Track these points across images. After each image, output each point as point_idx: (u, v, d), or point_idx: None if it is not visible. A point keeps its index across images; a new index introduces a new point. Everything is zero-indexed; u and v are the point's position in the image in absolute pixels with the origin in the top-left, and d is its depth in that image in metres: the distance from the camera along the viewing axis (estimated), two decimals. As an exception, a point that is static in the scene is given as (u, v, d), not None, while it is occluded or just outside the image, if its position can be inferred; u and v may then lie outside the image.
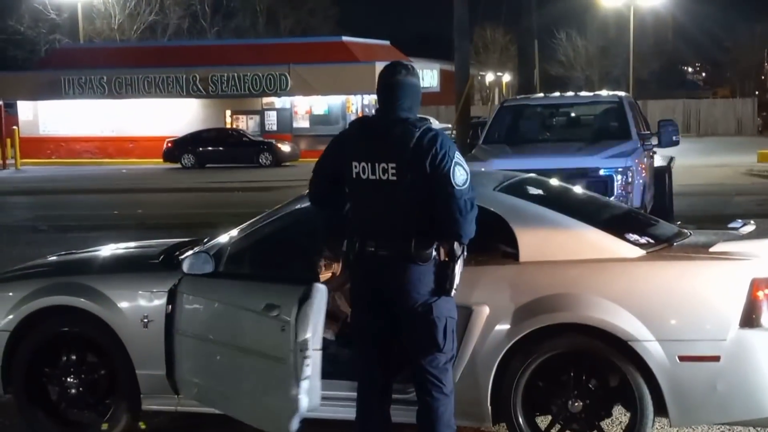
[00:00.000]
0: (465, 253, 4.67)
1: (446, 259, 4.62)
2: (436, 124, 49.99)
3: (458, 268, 4.63)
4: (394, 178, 4.53)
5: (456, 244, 4.60)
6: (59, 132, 43.20)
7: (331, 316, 6.26)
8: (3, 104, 42.65)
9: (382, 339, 4.76)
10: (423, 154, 4.51)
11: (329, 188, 4.84)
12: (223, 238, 5.82)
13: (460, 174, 4.56)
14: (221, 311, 5.37)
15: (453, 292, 4.67)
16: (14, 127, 39.49)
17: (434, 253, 4.60)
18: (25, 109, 43.64)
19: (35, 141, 42.57)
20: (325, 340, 5.99)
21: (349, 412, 5.14)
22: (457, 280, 4.65)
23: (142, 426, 6.07)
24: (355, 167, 4.62)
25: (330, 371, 5.28)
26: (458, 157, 4.60)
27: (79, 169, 37.47)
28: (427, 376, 4.68)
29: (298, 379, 4.95)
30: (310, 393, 5.02)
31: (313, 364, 4.99)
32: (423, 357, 4.66)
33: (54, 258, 7.01)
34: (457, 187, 4.53)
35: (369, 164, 4.58)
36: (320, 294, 4.98)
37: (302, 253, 5.46)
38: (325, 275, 5.20)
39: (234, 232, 5.84)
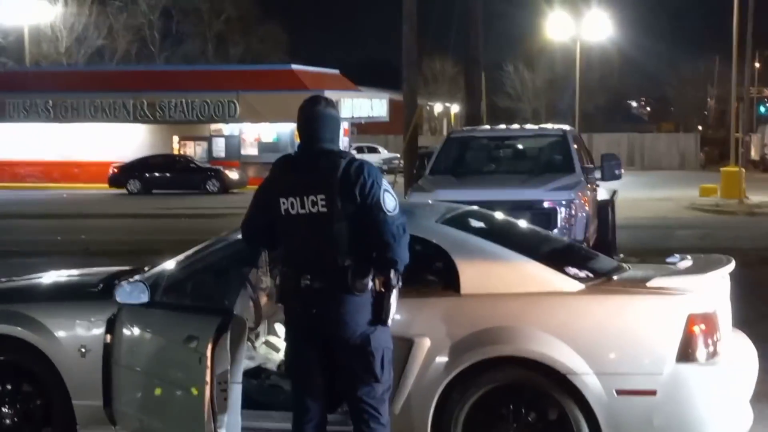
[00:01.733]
0: (400, 283, 4.69)
1: (382, 289, 4.62)
2: (384, 153, 50.25)
3: (394, 297, 4.65)
4: (324, 209, 4.55)
5: (392, 273, 4.62)
6: (3, 156, 42.60)
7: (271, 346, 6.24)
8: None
9: (319, 371, 4.75)
10: (351, 184, 4.55)
11: (262, 227, 4.82)
12: (160, 268, 5.78)
13: (390, 200, 4.61)
14: (152, 342, 5.34)
15: (389, 322, 4.69)
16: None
17: (370, 283, 4.60)
18: (-31, 132, 43.04)
19: (-22, 164, 41.98)
20: (265, 370, 5.98)
21: None
22: (393, 310, 4.66)
23: None
24: (284, 203, 4.62)
25: (264, 402, 5.25)
26: (385, 184, 4.66)
27: (23, 193, 36.95)
28: (364, 407, 4.68)
29: (215, 413, 4.92)
30: (228, 427, 5.00)
31: (231, 397, 4.96)
32: (360, 388, 4.66)
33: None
34: (388, 213, 4.58)
35: (297, 199, 4.59)
36: (238, 325, 4.95)
37: (233, 284, 5.42)
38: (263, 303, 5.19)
39: (171, 262, 5.80)
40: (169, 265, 5.77)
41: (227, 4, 64.43)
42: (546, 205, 11.25)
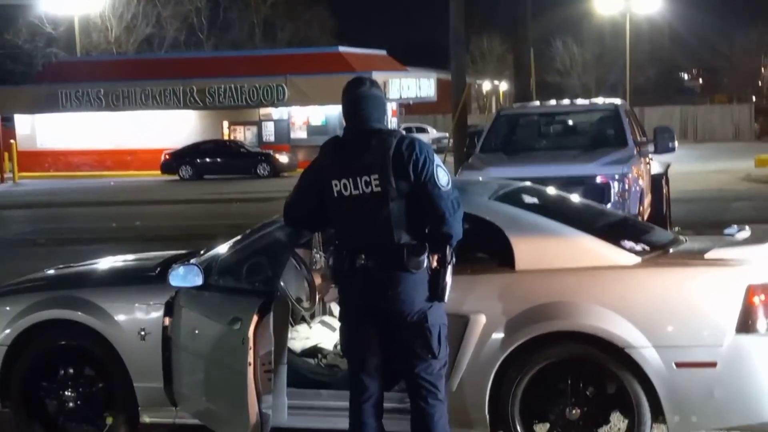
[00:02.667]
0: (454, 259, 4.70)
1: (437, 266, 4.64)
2: (433, 132, 50.15)
3: (449, 273, 4.66)
4: (379, 189, 4.56)
5: (447, 250, 4.63)
6: (57, 145, 43.20)
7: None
8: (1, 118, 42.67)
9: (376, 350, 4.76)
10: (405, 161, 4.55)
11: (309, 210, 4.83)
12: (214, 251, 5.83)
13: (443, 175, 4.62)
14: (204, 324, 5.39)
15: (446, 298, 4.70)
16: (12, 140, 39.53)
17: (426, 260, 4.61)
18: (23, 123, 43.64)
19: (33, 154, 42.59)
20: (321, 349, 6.01)
21: (334, 423, 5.18)
22: (449, 286, 4.67)
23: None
24: (336, 185, 4.63)
25: (321, 381, 5.28)
26: (437, 159, 4.66)
27: (77, 182, 37.47)
28: (422, 383, 4.69)
29: (259, 393, 4.94)
30: (274, 408, 5.03)
31: (276, 377, 4.98)
32: (418, 365, 4.67)
33: (51, 271, 7.01)
34: (443, 188, 4.58)
35: (350, 180, 4.60)
36: (281, 306, 4.96)
37: (276, 266, 5.41)
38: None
39: (224, 246, 5.85)
40: (222, 248, 5.82)
41: (273, -12, 64.59)
42: (599, 179, 11.14)
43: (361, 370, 4.79)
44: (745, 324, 4.88)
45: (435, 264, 4.64)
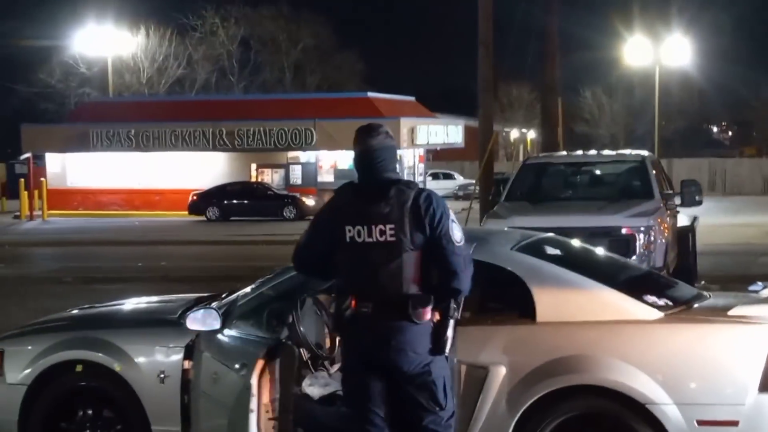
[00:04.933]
0: (458, 314, 4.70)
1: (440, 318, 4.65)
2: (460, 179, 50.15)
3: (452, 327, 4.66)
4: (393, 239, 4.58)
5: (453, 303, 4.64)
6: (86, 184, 43.52)
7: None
8: (32, 156, 43.13)
9: (380, 401, 4.72)
10: (422, 215, 4.60)
11: (320, 255, 4.82)
12: (234, 295, 5.84)
13: (457, 231, 4.66)
14: (219, 369, 5.37)
15: (447, 351, 4.68)
16: (42, 179, 39.90)
17: (429, 313, 4.61)
18: (54, 162, 44.06)
19: (63, 193, 42.92)
20: (340, 397, 5.96)
21: None
22: (450, 340, 4.66)
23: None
24: (349, 231, 4.64)
25: (339, 428, 5.24)
26: (452, 215, 4.71)
27: (105, 220, 37.72)
28: None
29: None
30: None
31: (280, 425, 4.93)
32: (426, 416, 4.66)
33: (73, 311, 7.05)
34: (457, 244, 4.63)
35: (365, 227, 4.61)
36: (287, 354, 4.93)
37: (285, 313, 5.37)
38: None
39: (243, 290, 5.86)
40: (242, 292, 5.83)
41: (304, 33, 65.16)
42: (624, 231, 11.10)
43: (364, 420, 4.74)
44: (768, 383, 4.83)
45: (438, 317, 4.64)
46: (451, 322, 4.65)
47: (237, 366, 5.10)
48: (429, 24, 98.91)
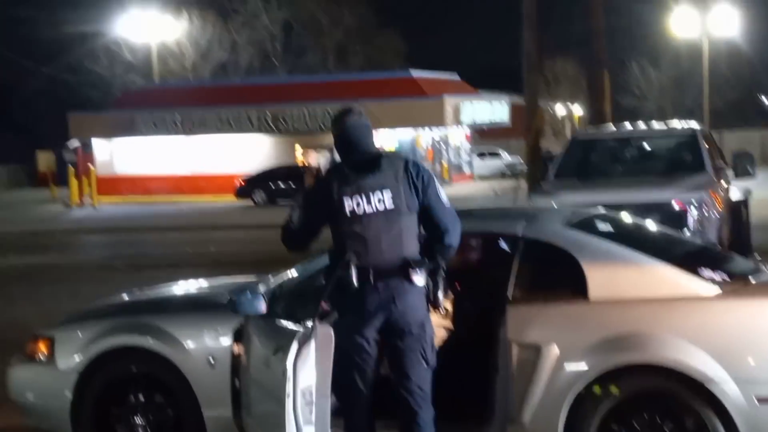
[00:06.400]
0: (444, 271, 4.96)
1: (432, 276, 4.94)
2: (506, 157, 49.85)
3: (443, 282, 4.97)
4: (392, 205, 4.86)
5: (441, 261, 4.93)
6: (134, 171, 43.93)
7: None
8: (80, 144, 43.58)
9: (372, 363, 4.96)
10: (414, 179, 4.92)
11: (314, 231, 5.09)
12: (281, 278, 5.79)
13: (443, 193, 5.03)
14: (263, 353, 5.31)
15: (441, 305, 4.99)
16: (91, 165, 40.29)
17: (425, 273, 4.89)
18: (101, 148, 44.48)
19: (111, 179, 43.34)
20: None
21: None
22: (442, 294, 4.96)
23: None
24: (348, 203, 4.88)
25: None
26: (436, 179, 5.08)
27: (154, 206, 38.03)
28: (414, 388, 4.90)
29: (299, 426, 4.84)
30: None
31: (316, 410, 4.87)
32: (413, 373, 4.90)
33: (123, 297, 7.06)
34: (446, 204, 4.99)
35: (363, 197, 4.87)
36: (322, 336, 4.88)
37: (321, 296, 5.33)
38: None
39: (289, 272, 5.81)
40: (288, 275, 5.78)
41: (346, 14, 65.03)
42: (676, 205, 10.89)
43: (362, 382, 4.93)
44: (832, 358, 4.69)
45: (434, 274, 4.92)
46: (441, 279, 4.94)
47: (273, 350, 5.05)
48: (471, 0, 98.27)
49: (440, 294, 4.95)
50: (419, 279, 4.86)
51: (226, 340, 5.71)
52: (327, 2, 64.27)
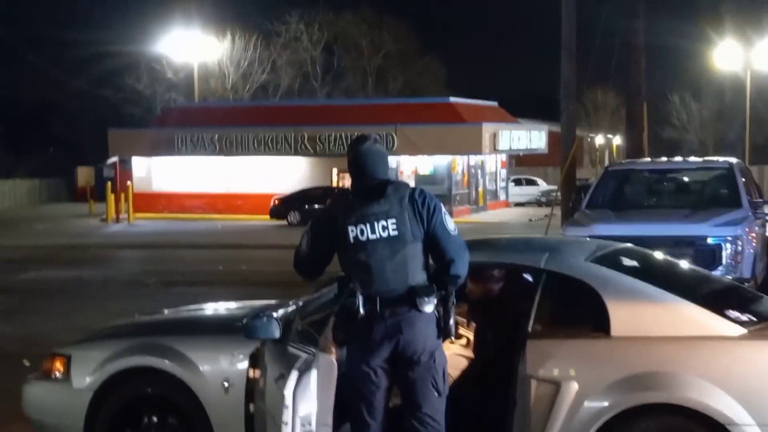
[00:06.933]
0: (454, 300, 4.90)
1: (442, 306, 4.88)
2: (543, 185, 49.64)
3: (453, 312, 4.90)
4: (396, 233, 4.81)
5: (451, 290, 4.86)
6: (171, 188, 44.24)
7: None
8: (119, 160, 43.96)
9: (383, 394, 4.88)
10: (419, 208, 4.88)
11: (322, 259, 5.04)
12: (298, 303, 5.72)
13: (450, 222, 4.97)
14: (270, 379, 5.23)
15: (452, 336, 4.95)
16: (128, 182, 40.63)
17: (434, 301, 4.83)
18: (140, 165, 44.86)
19: (148, 196, 43.66)
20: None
21: None
22: (453, 324, 4.89)
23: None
24: (352, 231, 4.85)
25: None
26: (443, 208, 5.02)
27: (189, 224, 38.21)
28: (427, 419, 4.83)
29: None
30: None
31: None
32: (425, 403, 4.83)
33: (141, 317, 7.02)
34: (452, 233, 4.91)
35: (368, 225, 4.84)
36: (323, 365, 4.79)
37: (323, 324, 5.27)
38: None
39: (306, 297, 5.74)
40: (303, 300, 5.71)
41: (387, 39, 65.30)
42: (710, 241, 10.73)
43: (369, 414, 4.85)
44: None
45: (443, 304, 4.86)
46: (452, 309, 4.88)
47: (276, 377, 4.97)
48: (512, 28, 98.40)
49: (451, 322, 4.88)
50: (428, 307, 4.80)
51: (242, 365, 5.63)
52: (368, 26, 64.58)
